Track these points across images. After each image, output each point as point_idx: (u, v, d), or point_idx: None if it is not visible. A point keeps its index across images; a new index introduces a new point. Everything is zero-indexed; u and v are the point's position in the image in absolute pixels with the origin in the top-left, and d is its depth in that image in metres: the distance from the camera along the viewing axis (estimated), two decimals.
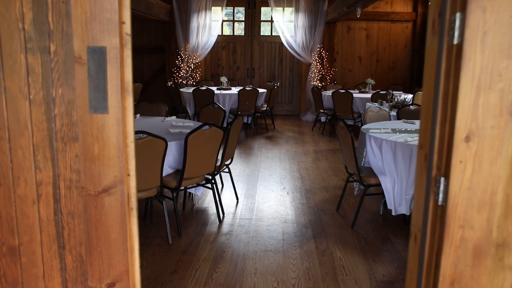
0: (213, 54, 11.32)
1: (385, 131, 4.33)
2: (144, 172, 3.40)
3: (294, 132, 9.10)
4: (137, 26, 11.38)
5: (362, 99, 8.49)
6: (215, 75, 11.37)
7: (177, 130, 4.20)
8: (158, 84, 11.52)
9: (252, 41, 11.24)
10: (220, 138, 3.91)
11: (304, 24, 10.66)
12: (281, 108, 11.52)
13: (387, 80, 11.21)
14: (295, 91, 11.45)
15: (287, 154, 7.01)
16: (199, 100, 8.52)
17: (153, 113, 5.54)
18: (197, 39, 10.79)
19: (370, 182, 4.04)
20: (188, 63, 10.79)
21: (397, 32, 11.12)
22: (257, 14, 11.16)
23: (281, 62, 11.36)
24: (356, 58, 11.24)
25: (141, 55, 11.52)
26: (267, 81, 11.15)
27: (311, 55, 10.71)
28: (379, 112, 5.37)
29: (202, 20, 10.76)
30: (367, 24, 11.10)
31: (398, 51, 11.20)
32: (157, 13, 9.72)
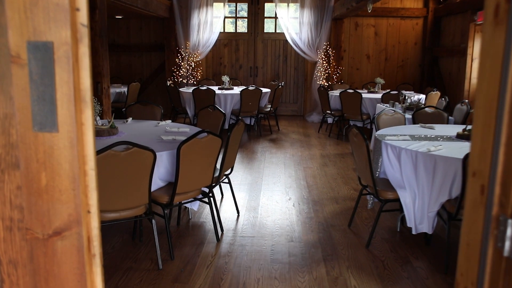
0: (214, 52, 10.87)
1: (403, 138, 3.87)
2: (129, 189, 2.96)
3: (300, 134, 8.65)
4: (135, 23, 10.94)
5: (371, 99, 8.02)
6: (217, 74, 10.93)
7: (170, 137, 3.75)
8: (158, 83, 11.09)
9: (255, 38, 10.79)
10: (218, 147, 3.47)
11: (309, 21, 10.19)
12: (286, 108, 11.06)
13: (396, 80, 10.74)
14: (300, 90, 10.99)
15: (292, 159, 6.56)
16: (199, 100, 8.08)
17: (147, 116, 5.10)
18: (198, 37, 10.35)
19: (388, 196, 3.58)
20: (189, 61, 10.35)
21: (407, 29, 10.64)
22: (260, 10, 10.70)
23: (286, 61, 10.90)
24: (364, 56, 10.77)
25: (140, 53, 11.08)
26: (271, 80, 10.69)
27: (317, 53, 10.24)
28: (394, 115, 4.91)
29: (203, 17, 10.31)
30: (376, 20, 10.62)
31: (408, 49, 10.72)
32: (156, 9, 9.27)
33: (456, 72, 9.36)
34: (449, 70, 9.72)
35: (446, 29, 9.99)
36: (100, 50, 6.15)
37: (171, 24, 10.38)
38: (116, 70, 11.12)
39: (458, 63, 9.23)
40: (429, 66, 10.47)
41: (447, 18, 9.90)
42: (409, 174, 3.50)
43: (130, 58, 11.11)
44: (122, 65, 11.14)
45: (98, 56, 6.16)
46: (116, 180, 2.88)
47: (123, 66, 11.14)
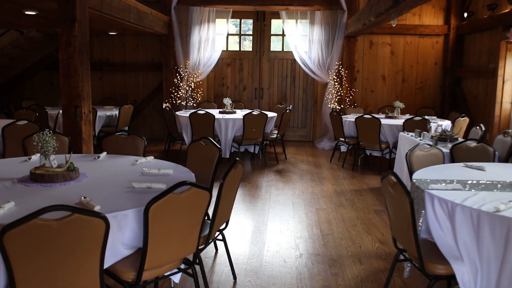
0: (216, 72, 10.02)
1: (452, 187, 2.92)
2: (69, 269, 2.03)
3: (309, 164, 7.70)
4: (131, 40, 10.14)
5: (391, 126, 7.09)
6: (219, 96, 10.05)
7: (144, 184, 2.82)
8: (155, 105, 10.23)
9: (261, 57, 9.93)
10: (205, 203, 2.53)
11: (320, 39, 9.34)
12: (294, 133, 10.13)
13: (414, 103, 9.81)
14: (310, 114, 10.08)
15: (302, 197, 5.60)
16: (197, 126, 7.19)
17: (127, 149, 4.19)
18: (198, 55, 9.52)
19: (438, 271, 2.62)
20: (188, 82, 9.50)
21: (426, 47, 9.75)
22: (266, 27, 9.87)
23: (294, 82, 10.01)
24: (379, 77, 9.87)
25: (136, 73, 10.25)
26: (277, 103, 9.79)
27: (328, 73, 9.36)
28: (430, 151, 3.97)
29: (204, 34, 9.50)
30: (392, 38, 9.75)
31: (427, 69, 9.81)
32: (152, 25, 8.46)
33: (483, 95, 8.42)
34: (474, 93, 8.78)
35: (470, 47, 9.09)
36: (80, 69, 5.29)
37: (169, 42, 9.57)
38: (110, 91, 10.29)
39: (486, 85, 8.30)
40: (450, 88, 9.54)
41: (472, 36, 9.00)
42: (467, 240, 2.54)
43: (125, 78, 10.29)
44: (116, 85, 10.31)
45: (77, 75, 5.29)
46: (48, 257, 1.96)
47: (117, 86, 10.31)
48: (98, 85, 10.33)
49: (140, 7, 7.72)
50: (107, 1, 6.30)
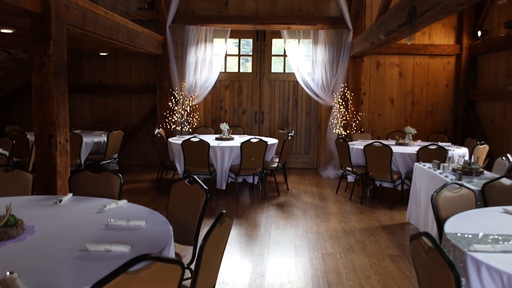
0: (214, 94, 9.43)
1: (502, 248, 2.26)
2: None
3: (313, 195, 7.04)
4: (124, 61, 9.60)
5: (403, 155, 6.44)
6: (217, 120, 9.44)
7: (102, 247, 2.17)
8: (149, 130, 9.61)
9: (261, 79, 9.35)
10: (175, 281, 1.87)
11: (324, 59, 8.77)
12: (296, 160, 9.48)
13: (425, 127, 9.17)
14: (313, 140, 9.43)
15: (306, 238, 4.92)
16: (191, 154, 6.55)
17: (100, 189, 3.53)
18: (195, 77, 8.95)
19: None
20: (184, 105, 8.90)
21: (437, 68, 9.16)
22: (267, 47, 9.31)
23: (296, 105, 9.40)
24: (387, 100, 9.25)
25: (129, 96, 9.67)
26: (279, 128, 9.18)
27: (333, 96, 8.76)
28: (459, 192, 3.30)
29: (201, 54, 8.95)
30: (400, 59, 9.17)
31: (438, 92, 9.20)
32: (145, 45, 7.91)
33: (501, 120, 7.79)
34: (491, 117, 8.15)
35: (485, 68, 8.49)
36: (55, 93, 4.68)
37: (164, 63, 9.01)
38: (101, 115, 9.70)
39: (504, 109, 7.68)
40: (464, 111, 8.90)
41: (486, 56, 8.41)
42: None
43: (117, 101, 9.70)
44: (108, 109, 9.73)
45: (52, 100, 4.68)
46: None
47: (109, 110, 9.72)
48: (88, 108, 9.76)
49: (130, 25, 7.17)
50: (91, 18, 5.74)
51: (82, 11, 5.50)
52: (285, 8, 9.06)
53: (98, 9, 5.95)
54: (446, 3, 3.68)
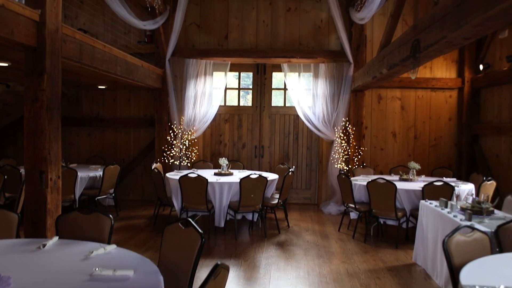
0: (213, 128, 9.29)
1: None
2: None
3: (315, 233, 6.78)
4: (123, 94, 9.51)
5: (408, 191, 6.23)
6: (216, 154, 9.26)
7: None
8: (147, 164, 9.41)
9: (261, 113, 9.23)
10: None
11: (324, 93, 8.67)
12: (297, 195, 9.25)
13: (428, 162, 8.98)
14: (314, 174, 9.23)
15: (308, 281, 4.66)
16: (188, 191, 6.34)
17: (89, 232, 3.32)
18: (194, 110, 8.84)
19: None
20: (183, 139, 8.75)
21: (439, 102, 9.05)
22: (267, 80, 9.23)
23: (297, 139, 9.25)
24: (389, 134, 9.10)
25: (127, 129, 9.53)
26: (279, 162, 8.99)
27: (334, 130, 8.62)
28: (473, 235, 3.09)
29: (201, 88, 8.86)
30: (402, 92, 9.07)
31: (441, 126, 9.06)
32: (144, 78, 7.82)
33: (507, 154, 7.61)
34: (495, 152, 7.97)
35: (488, 102, 8.37)
36: (47, 128, 4.52)
37: (163, 96, 8.91)
38: (98, 148, 9.54)
39: (509, 143, 7.51)
40: (468, 146, 8.73)
41: (489, 90, 8.31)
42: None
43: (115, 134, 9.55)
44: (106, 143, 9.57)
45: (44, 136, 4.51)
46: None
47: (107, 143, 9.56)
48: (86, 142, 9.61)
49: (129, 58, 7.09)
50: (88, 51, 5.65)
51: (79, 45, 5.41)
52: (285, 41, 9.03)
53: (95, 42, 5.87)
54: (451, 37, 3.56)
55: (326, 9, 8.93)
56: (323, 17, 9.02)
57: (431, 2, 4.42)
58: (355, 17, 7.96)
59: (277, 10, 9.06)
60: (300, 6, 9.04)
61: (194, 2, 9.08)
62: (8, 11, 4.01)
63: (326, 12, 8.97)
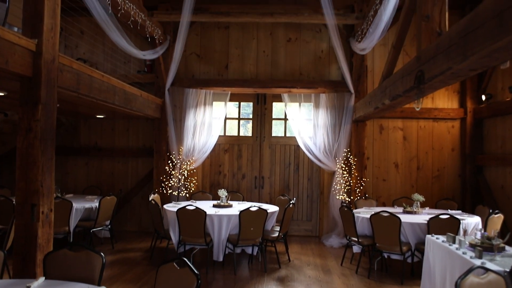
0: (213, 158, 9.15)
1: None
2: None
3: (317, 268, 6.55)
4: (121, 124, 9.41)
5: (412, 225, 6.04)
6: (215, 185, 9.09)
7: None
8: (144, 195, 9.23)
9: (261, 143, 9.11)
10: None
11: (325, 123, 8.57)
12: (298, 227, 9.03)
13: (432, 193, 8.81)
14: (315, 206, 9.04)
15: None
16: (186, 223, 6.15)
17: (78, 271, 3.14)
18: (193, 140, 8.72)
19: None
20: (181, 169, 8.60)
21: (442, 132, 8.93)
22: (268, 111, 9.14)
23: (297, 170, 9.09)
24: (392, 165, 8.95)
25: (125, 159, 9.38)
26: (279, 193, 8.82)
27: (335, 161, 8.47)
28: (487, 278, 2.91)
29: (200, 117, 8.77)
30: (404, 122, 8.97)
31: (444, 156, 8.92)
32: (142, 108, 7.73)
33: None
34: (501, 183, 7.81)
35: (491, 133, 8.26)
36: (40, 160, 4.38)
37: (162, 126, 8.81)
38: (96, 178, 9.37)
39: None
40: (472, 177, 8.57)
41: (492, 120, 8.21)
42: None
43: (113, 164, 9.40)
44: (103, 172, 9.41)
45: (36, 168, 4.37)
46: None
47: (104, 173, 9.40)
48: (83, 171, 9.45)
49: (127, 88, 7.01)
50: (86, 81, 5.56)
51: (77, 74, 5.32)
52: (286, 72, 8.99)
53: (93, 72, 5.79)
54: (457, 69, 3.46)
55: (327, 40, 8.93)
56: (324, 47, 9.01)
57: (434, 33, 4.35)
58: (355, 48, 7.94)
59: (278, 40, 9.06)
60: (301, 36, 9.04)
61: (194, 32, 9.08)
62: (4, 41, 3.93)
63: (326, 42, 8.97)
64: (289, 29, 9.03)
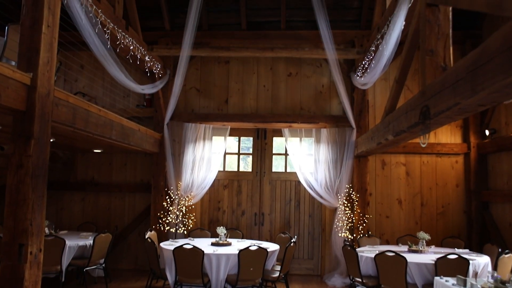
0: (212, 194, 8.94)
1: None
2: None
3: None
4: (119, 158, 9.25)
5: (419, 265, 5.79)
6: (214, 222, 8.86)
7: None
8: (141, 232, 8.96)
9: (261, 179, 8.92)
10: None
11: (327, 158, 8.41)
12: (299, 266, 8.73)
13: (436, 230, 8.56)
14: (317, 243, 8.77)
15: None
16: (183, 263, 5.90)
17: None
18: (192, 176, 8.54)
19: None
20: (179, 205, 8.39)
21: (445, 168, 8.76)
22: (268, 145, 9.00)
23: (298, 206, 8.87)
24: (395, 201, 8.73)
25: (122, 194, 9.17)
26: (280, 230, 8.57)
27: (337, 197, 8.27)
28: None
29: (199, 152, 8.62)
30: (406, 158, 8.81)
31: (448, 192, 8.71)
32: (140, 143, 7.59)
33: None
34: (508, 220, 7.58)
35: (496, 168, 8.09)
36: (31, 197, 4.20)
37: (160, 161, 8.66)
38: (92, 214, 9.14)
39: None
40: (477, 213, 8.35)
41: (497, 156, 8.05)
42: None
43: (110, 200, 9.18)
44: (100, 208, 9.18)
45: (26, 205, 4.18)
46: None
47: (101, 209, 9.17)
48: (79, 207, 9.22)
49: (125, 123, 6.89)
50: (82, 115, 5.44)
51: (73, 109, 5.20)
52: (286, 106, 8.91)
53: (90, 106, 5.68)
54: (465, 104, 3.34)
55: (327, 74, 8.88)
56: (324, 82, 8.96)
57: (439, 68, 4.25)
58: (357, 83, 7.88)
59: (278, 75, 9.02)
60: (301, 71, 9.00)
61: (194, 67, 9.05)
62: None
63: (327, 77, 8.92)
64: (289, 63, 9.00)
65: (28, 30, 4.44)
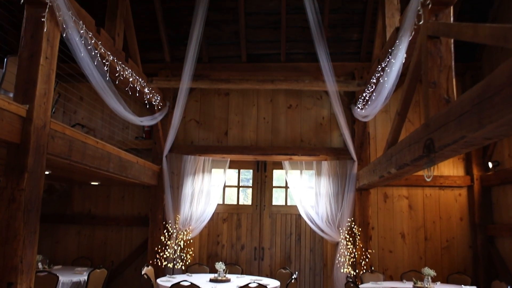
0: (211, 228, 8.75)
1: None
2: None
3: None
4: (117, 191, 9.08)
5: None
6: (213, 256, 8.63)
7: None
8: (138, 267, 8.72)
9: (261, 212, 8.75)
10: None
11: (328, 191, 8.26)
12: None
13: (441, 265, 8.32)
14: (318, 279, 8.51)
15: None
16: None
17: None
18: (190, 209, 8.38)
19: None
20: (178, 239, 8.18)
21: (448, 201, 8.60)
22: (268, 178, 8.87)
23: (299, 240, 8.66)
24: (398, 235, 8.53)
25: (119, 227, 8.97)
26: (280, 266, 8.34)
27: (339, 231, 8.08)
28: None
29: (198, 185, 8.47)
30: (409, 191, 8.66)
31: (452, 226, 8.52)
32: (138, 175, 7.46)
33: None
34: None
35: (501, 201, 7.93)
36: (22, 233, 4.05)
37: (158, 194, 8.50)
38: (87, 248, 8.92)
39: None
40: (483, 248, 8.12)
41: (501, 188, 7.91)
42: None
43: (106, 233, 8.97)
44: (95, 242, 8.96)
45: (17, 241, 4.03)
46: None
47: (96, 243, 8.95)
48: (74, 241, 9.00)
49: (123, 155, 6.78)
50: (79, 148, 5.33)
51: (69, 141, 5.10)
52: (287, 139, 8.82)
53: (87, 138, 5.58)
54: (472, 137, 3.22)
55: (328, 106, 8.83)
56: (325, 114, 8.90)
57: (442, 100, 4.18)
58: (357, 115, 7.81)
59: (278, 107, 8.97)
60: (301, 103, 8.95)
61: (194, 99, 9.02)
62: None
63: (327, 109, 8.87)
64: (289, 95, 8.97)
65: (26, 61, 4.40)
